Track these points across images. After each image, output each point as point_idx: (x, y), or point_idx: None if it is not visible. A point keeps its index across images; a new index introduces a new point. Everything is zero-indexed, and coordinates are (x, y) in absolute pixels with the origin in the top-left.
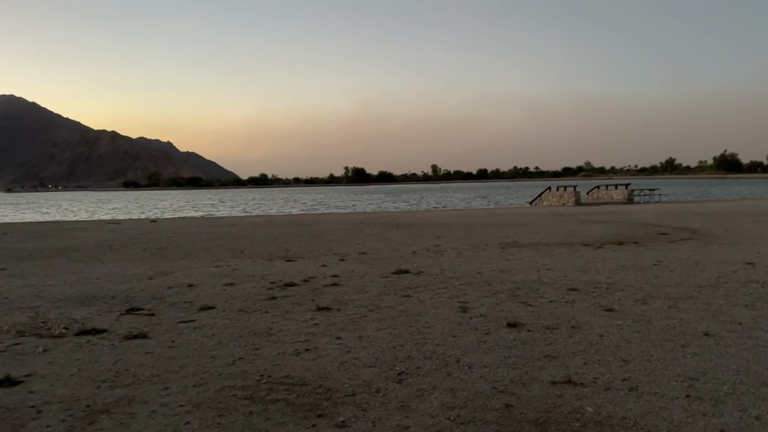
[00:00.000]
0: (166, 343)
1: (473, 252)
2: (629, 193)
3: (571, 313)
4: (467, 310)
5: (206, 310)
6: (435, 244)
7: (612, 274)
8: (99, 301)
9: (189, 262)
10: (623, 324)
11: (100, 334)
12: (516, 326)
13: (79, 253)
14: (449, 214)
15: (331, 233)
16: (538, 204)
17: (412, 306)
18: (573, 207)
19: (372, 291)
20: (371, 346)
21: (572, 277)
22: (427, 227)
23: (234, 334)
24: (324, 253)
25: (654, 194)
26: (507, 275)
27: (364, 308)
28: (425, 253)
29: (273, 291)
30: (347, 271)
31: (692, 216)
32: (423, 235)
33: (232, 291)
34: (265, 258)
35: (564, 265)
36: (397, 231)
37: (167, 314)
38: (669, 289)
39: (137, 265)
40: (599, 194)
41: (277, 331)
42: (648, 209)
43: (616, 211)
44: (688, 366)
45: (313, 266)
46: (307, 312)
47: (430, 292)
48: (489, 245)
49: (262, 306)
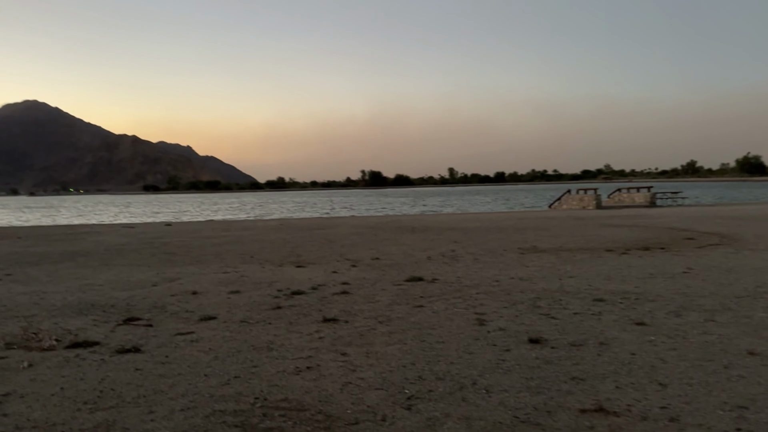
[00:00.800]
0: (159, 359)
1: (491, 258)
2: (652, 196)
3: (598, 328)
4: (485, 323)
5: (207, 321)
6: (451, 250)
7: (640, 283)
8: (98, 309)
9: (197, 267)
10: (657, 340)
11: (92, 347)
12: (539, 342)
13: (87, 258)
14: (466, 217)
15: (344, 238)
16: (558, 207)
17: (425, 318)
18: (594, 210)
19: (383, 300)
20: (379, 364)
21: (597, 285)
22: (443, 231)
23: (232, 349)
24: (336, 258)
25: (677, 197)
26: (527, 284)
27: (373, 320)
28: (441, 259)
29: (279, 300)
30: (358, 278)
31: (719, 220)
32: (439, 240)
33: (237, 299)
34: (274, 264)
35: (588, 273)
36: (412, 235)
37: (165, 325)
38: (703, 300)
39: (144, 271)
40: (621, 197)
41: (278, 346)
42: (672, 213)
43: (639, 215)
44: (735, 391)
45: (323, 273)
46: (313, 324)
47: (444, 302)
48: (507, 251)
49: (265, 316)
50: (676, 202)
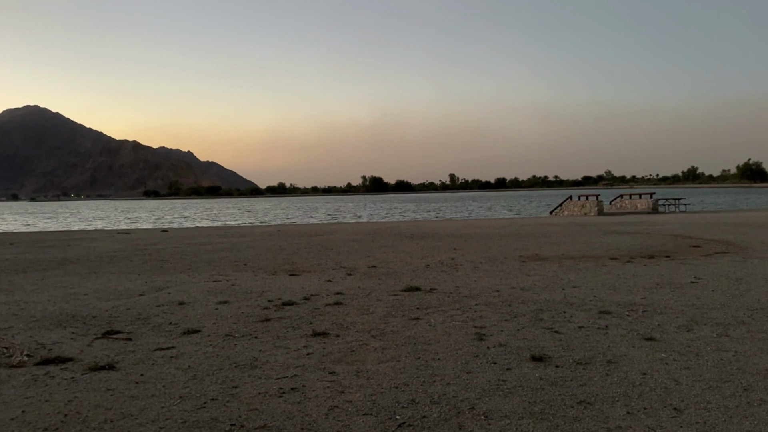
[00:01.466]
0: (133, 377)
1: (491, 266)
2: (654, 202)
3: (605, 343)
4: (484, 338)
5: (190, 335)
6: (450, 257)
7: (647, 294)
8: (78, 321)
9: (187, 275)
10: (668, 358)
11: (64, 364)
12: (542, 360)
13: (77, 265)
14: (466, 224)
15: (341, 244)
16: (559, 213)
17: (422, 331)
18: (596, 217)
19: (378, 312)
20: (369, 385)
21: (602, 296)
22: (442, 238)
23: (213, 367)
24: (331, 266)
25: (679, 204)
26: (529, 294)
27: (366, 334)
28: (439, 267)
29: (268, 311)
30: (353, 288)
31: (723, 227)
32: (438, 247)
33: (225, 310)
34: (267, 272)
35: (592, 282)
36: (410, 242)
37: (146, 339)
38: (714, 313)
39: (132, 279)
40: (623, 204)
41: (263, 363)
42: (675, 219)
43: (641, 222)
44: (759, 418)
45: (317, 281)
46: (302, 338)
47: (442, 314)
48: (508, 258)
49: (252, 330)
50: (678, 209)
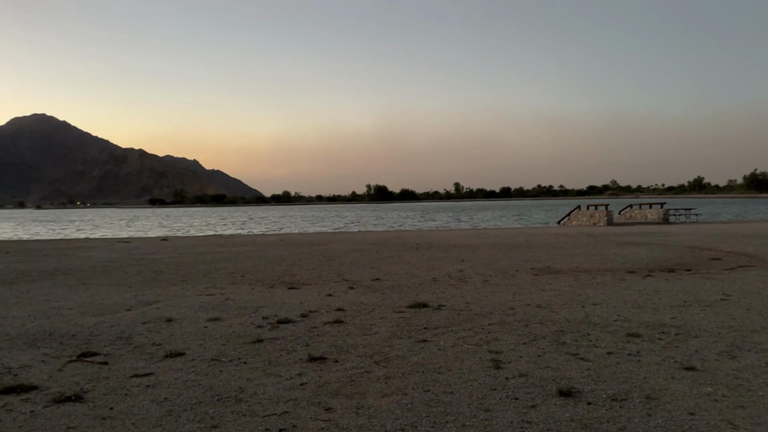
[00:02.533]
0: (101, 411)
1: (502, 279)
2: (665, 212)
3: (640, 374)
4: (501, 366)
5: (172, 358)
6: (458, 270)
7: (676, 313)
8: (54, 340)
9: (180, 288)
10: (716, 393)
11: (27, 393)
12: (570, 395)
13: (67, 277)
14: (473, 233)
15: (344, 255)
16: (567, 223)
17: (430, 357)
18: (605, 227)
19: (381, 332)
20: (371, 426)
21: (627, 316)
22: (449, 249)
23: (192, 399)
24: (333, 278)
25: (691, 214)
26: (546, 312)
27: (368, 359)
28: (447, 281)
29: (262, 330)
30: (355, 303)
31: (741, 238)
32: (445, 258)
33: (214, 329)
34: (265, 284)
35: (613, 299)
36: (416, 253)
37: (123, 363)
38: (756, 337)
39: (122, 292)
40: (632, 214)
41: (249, 395)
42: (688, 230)
43: (654, 232)
44: None
45: (317, 296)
46: (296, 364)
47: (452, 336)
48: (519, 271)
49: (242, 353)
50: (689, 219)
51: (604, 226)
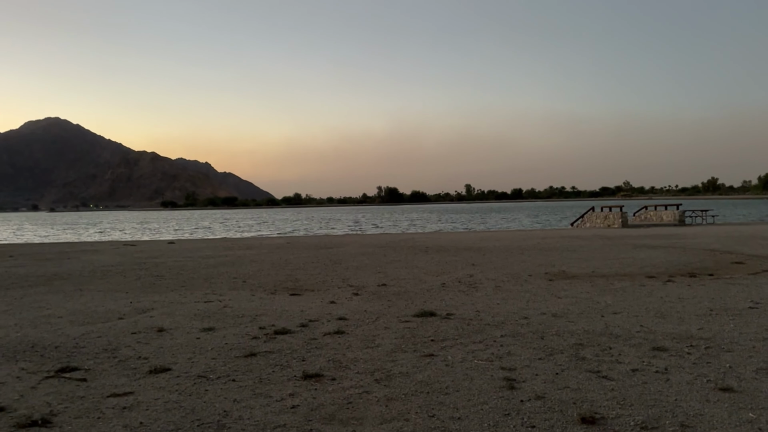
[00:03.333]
0: None
1: (514, 285)
2: (681, 214)
3: (671, 396)
4: (515, 386)
5: (156, 374)
6: (468, 274)
7: (702, 323)
8: (36, 353)
9: (179, 294)
10: (760, 420)
11: None
12: (594, 422)
13: (65, 282)
14: (484, 236)
15: (351, 258)
16: (581, 225)
17: (437, 374)
18: (620, 229)
19: (384, 345)
20: None
21: (650, 326)
22: (459, 252)
23: (170, 425)
24: (337, 284)
25: (707, 215)
26: (562, 322)
27: (368, 376)
28: (456, 286)
29: (257, 342)
30: (359, 312)
31: (762, 241)
32: (455, 262)
33: (206, 341)
34: (267, 290)
35: (633, 307)
36: (425, 256)
37: (103, 379)
38: None
39: (118, 299)
40: (647, 215)
41: (234, 420)
42: (706, 232)
43: (671, 235)
44: None
45: (319, 303)
46: (289, 382)
47: (461, 349)
48: (533, 276)
49: (232, 368)
50: (705, 221)
51: (618, 228)
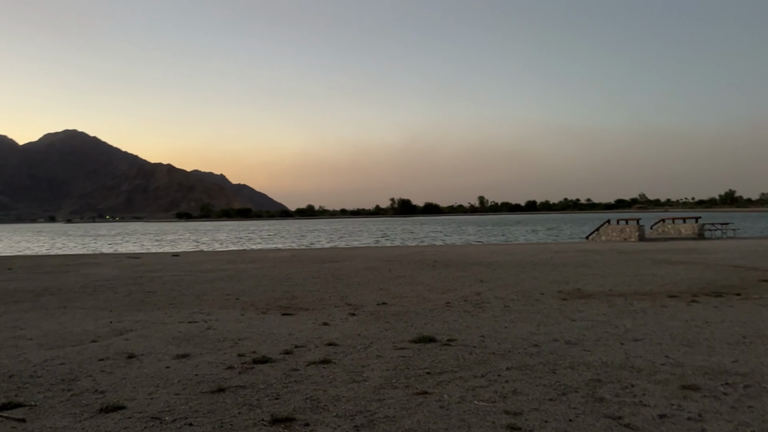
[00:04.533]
0: None
1: (525, 305)
2: (700, 227)
3: None
4: None
5: (107, 414)
6: (476, 292)
7: (737, 354)
8: None
9: (164, 313)
10: None
11: None
12: None
13: (52, 298)
14: (495, 249)
15: (354, 273)
16: (596, 238)
17: (428, 419)
18: (637, 243)
19: (373, 378)
20: None
21: (677, 357)
22: (467, 267)
23: None
24: (335, 302)
25: (728, 229)
26: (577, 351)
27: (348, 421)
28: (462, 306)
29: (230, 374)
30: (351, 336)
31: None
32: (462, 278)
33: (176, 370)
34: (258, 309)
35: (656, 333)
36: (432, 272)
37: (46, 419)
38: None
39: (99, 318)
40: (665, 228)
41: None
42: (727, 247)
43: (691, 249)
44: None
45: (311, 324)
46: (254, 428)
47: (460, 385)
48: (545, 294)
49: (193, 408)
50: (725, 234)
51: (635, 241)
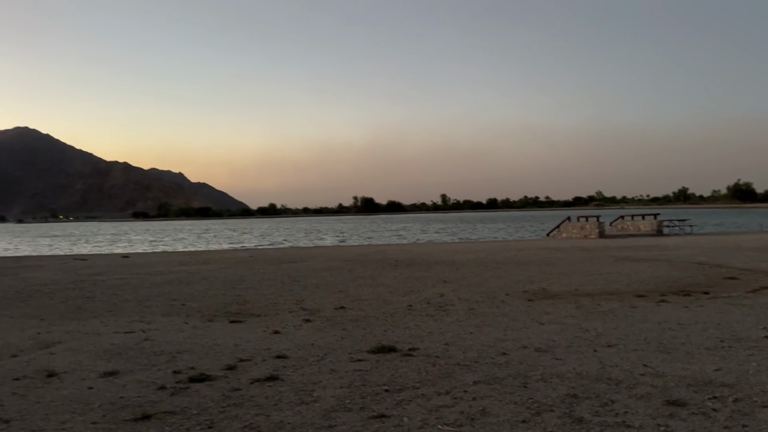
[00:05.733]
0: None
1: (490, 307)
2: (659, 224)
3: None
4: None
5: None
6: (439, 294)
7: (718, 360)
8: None
9: (100, 322)
10: None
11: None
12: None
13: None
14: (457, 248)
15: (313, 274)
16: (557, 235)
17: None
18: (597, 240)
19: (325, 398)
20: None
21: (656, 365)
22: (430, 266)
23: None
24: (289, 307)
25: (685, 225)
26: (548, 359)
27: None
28: (425, 309)
29: (161, 395)
30: (304, 346)
31: (748, 252)
32: (425, 278)
33: (99, 392)
34: (205, 316)
35: (630, 338)
36: (393, 272)
37: None
38: None
39: (27, 328)
40: (624, 225)
41: None
42: (687, 243)
43: (652, 246)
44: None
45: (261, 333)
46: None
47: (422, 405)
48: (510, 295)
49: None
50: (683, 231)
51: (595, 238)
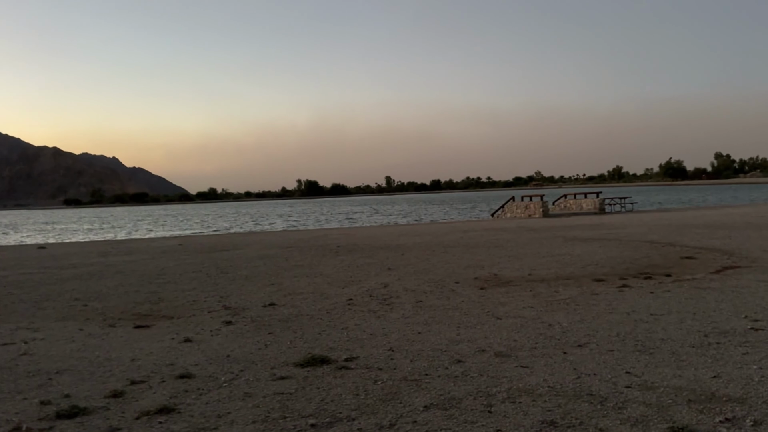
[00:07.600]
0: None
1: (440, 299)
2: (601, 202)
3: None
4: None
5: None
6: (383, 284)
7: (709, 362)
8: None
9: None
10: None
11: None
12: None
13: None
14: (403, 230)
15: (244, 265)
16: (502, 216)
17: None
18: (542, 219)
19: None
20: None
21: (640, 373)
22: (374, 252)
23: None
24: (210, 305)
25: (626, 203)
26: (512, 367)
27: None
28: (366, 303)
29: None
30: (218, 359)
31: (696, 229)
32: (368, 266)
33: None
34: (107, 319)
35: (600, 333)
36: (334, 259)
37: None
38: None
39: None
40: (567, 204)
41: None
42: (632, 221)
43: (597, 224)
44: None
45: (168, 342)
46: None
47: None
48: (460, 283)
49: None
50: (625, 208)
51: (540, 217)
